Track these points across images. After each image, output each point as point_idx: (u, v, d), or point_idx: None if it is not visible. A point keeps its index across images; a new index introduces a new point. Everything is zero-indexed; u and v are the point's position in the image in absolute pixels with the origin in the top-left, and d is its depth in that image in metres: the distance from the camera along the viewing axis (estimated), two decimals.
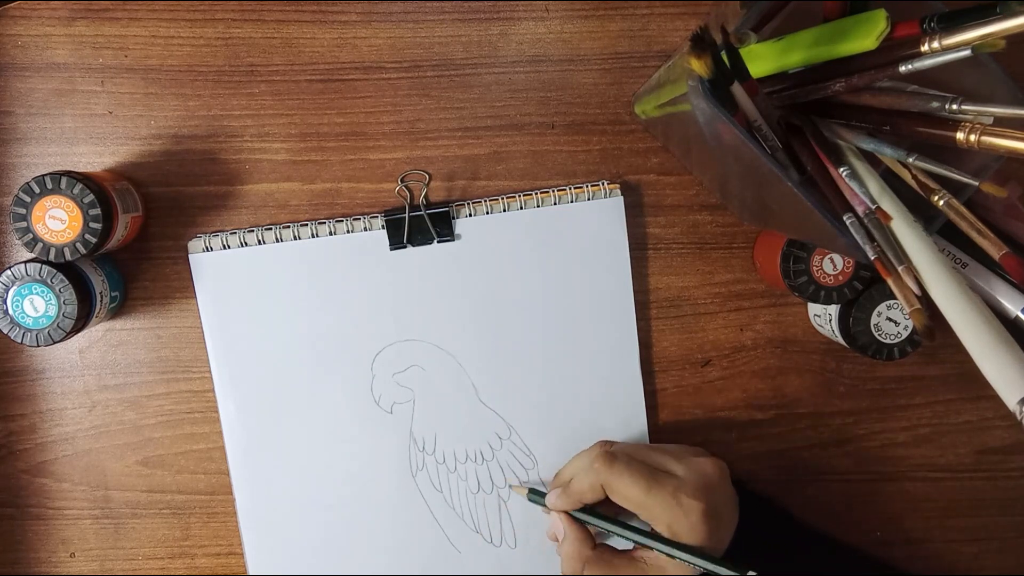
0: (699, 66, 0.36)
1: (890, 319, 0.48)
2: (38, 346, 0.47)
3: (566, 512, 0.49)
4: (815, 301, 0.49)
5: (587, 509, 0.49)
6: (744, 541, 0.45)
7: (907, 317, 0.48)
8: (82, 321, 0.47)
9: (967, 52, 0.34)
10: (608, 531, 0.48)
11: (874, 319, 0.48)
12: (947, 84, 0.39)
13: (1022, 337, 0.38)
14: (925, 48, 0.36)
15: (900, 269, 0.39)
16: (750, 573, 0.42)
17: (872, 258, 0.39)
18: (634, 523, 0.47)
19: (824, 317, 0.51)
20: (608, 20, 0.52)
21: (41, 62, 0.50)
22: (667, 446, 0.50)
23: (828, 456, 0.55)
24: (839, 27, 0.38)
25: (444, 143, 0.52)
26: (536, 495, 0.51)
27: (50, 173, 0.45)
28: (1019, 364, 0.36)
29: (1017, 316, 0.48)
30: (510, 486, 0.52)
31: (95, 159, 0.51)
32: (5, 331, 0.46)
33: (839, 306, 0.49)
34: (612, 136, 0.53)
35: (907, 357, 0.49)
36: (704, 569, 0.43)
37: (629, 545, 0.47)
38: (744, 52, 0.38)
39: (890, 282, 0.39)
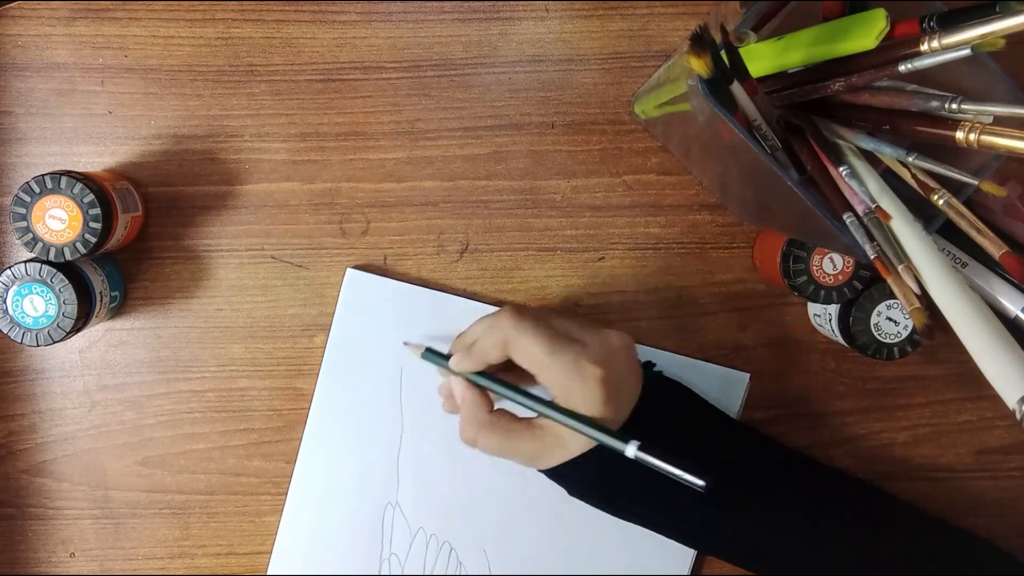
0: (699, 65, 0.36)
1: (890, 319, 0.48)
2: (38, 346, 0.47)
3: (465, 376, 0.46)
4: (815, 301, 0.49)
5: (485, 374, 0.46)
6: (644, 415, 0.44)
7: (907, 316, 0.48)
8: (82, 321, 0.47)
9: (966, 51, 0.34)
10: (503, 396, 0.45)
11: (874, 319, 0.48)
12: (946, 83, 0.39)
13: (1022, 336, 0.38)
14: (924, 47, 0.36)
15: (900, 268, 0.39)
16: (632, 443, 0.40)
17: (872, 257, 0.39)
18: (535, 391, 0.45)
19: (824, 317, 0.51)
20: (608, 20, 0.52)
21: (41, 62, 0.50)
22: (577, 317, 0.48)
23: (828, 456, 0.55)
24: (838, 26, 0.38)
25: (444, 143, 0.52)
26: (433, 354, 0.48)
27: (50, 173, 0.45)
28: (1019, 363, 0.36)
29: (1017, 315, 0.48)
30: (404, 343, 0.51)
31: (95, 159, 0.51)
32: (5, 331, 0.46)
33: (839, 306, 0.49)
34: (612, 136, 0.53)
35: (907, 357, 0.48)
36: (592, 437, 0.42)
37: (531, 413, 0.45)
38: (744, 51, 0.38)
39: (890, 281, 0.39)
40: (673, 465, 0.39)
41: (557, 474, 0.44)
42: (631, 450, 0.40)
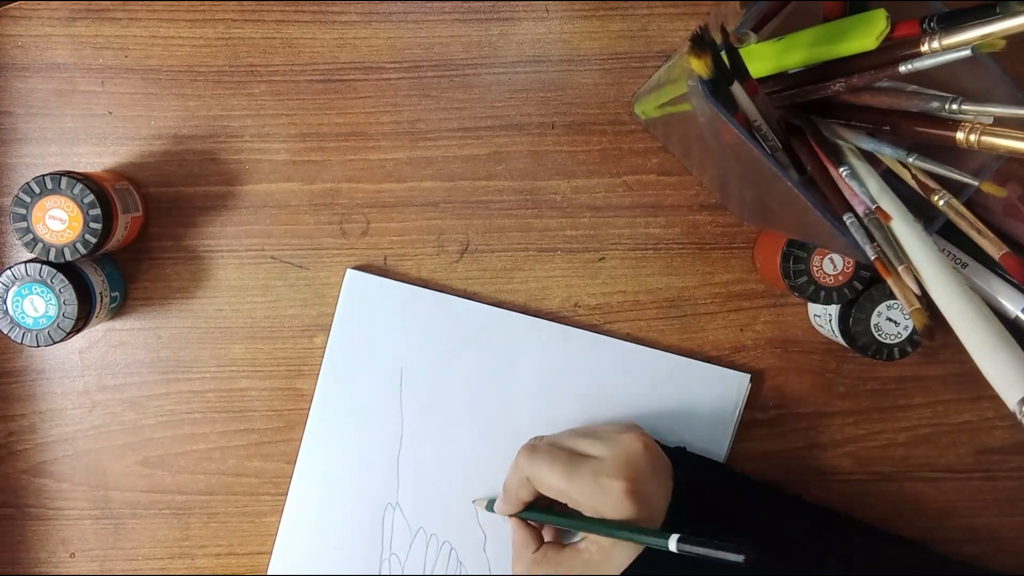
0: (699, 66, 0.36)
1: (890, 319, 0.48)
2: (38, 346, 0.47)
3: (515, 516, 0.49)
4: (815, 301, 0.49)
5: (535, 508, 0.48)
6: (684, 506, 0.45)
7: (907, 317, 0.48)
8: (82, 321, 0.47)
9: (967, 52, 0.34)
10: (550, 523, 0.48)
11: (874, 319, 0.48)
12: (947, 84, 0.39)
13: (1022, 337, 0.38)
14: (925, 48, 0.35)
15: (900, 269, 0.39)
16: (673, 537, 0.41)
17: (872, 258, 0.39)
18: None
19: (824, 317, 0.51)
20: (608, 20, 0.52)
21: (41, 62, 0.50)
22: (595, 427, 0.50)
23: (828, 456, 0.55)
24: (839, 27, 0.38)
25: (444, 143, 0.52)
26: (492, 505, 0.51)
27: (50, 173, 0.45)
28: (1019, 364, 0.36)
29: (1017, 316, 0.48)
30: (474, 501, 0.53)
31: (95, 159, 0.51)
32: (5, 331, 0.46)
33: (839, 306, 0.49)
34: (612, 136, 0.53)
35: (907, 357, 0.48)
36: (634, 541, 0.43)
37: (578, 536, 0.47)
38: (744, 52, 0.38)
39: (890, 282, 0.39)
40: (712, 547, 0.39)
41: None
42: (672, 545, 0.40)
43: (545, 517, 0.48)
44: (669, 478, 0.46)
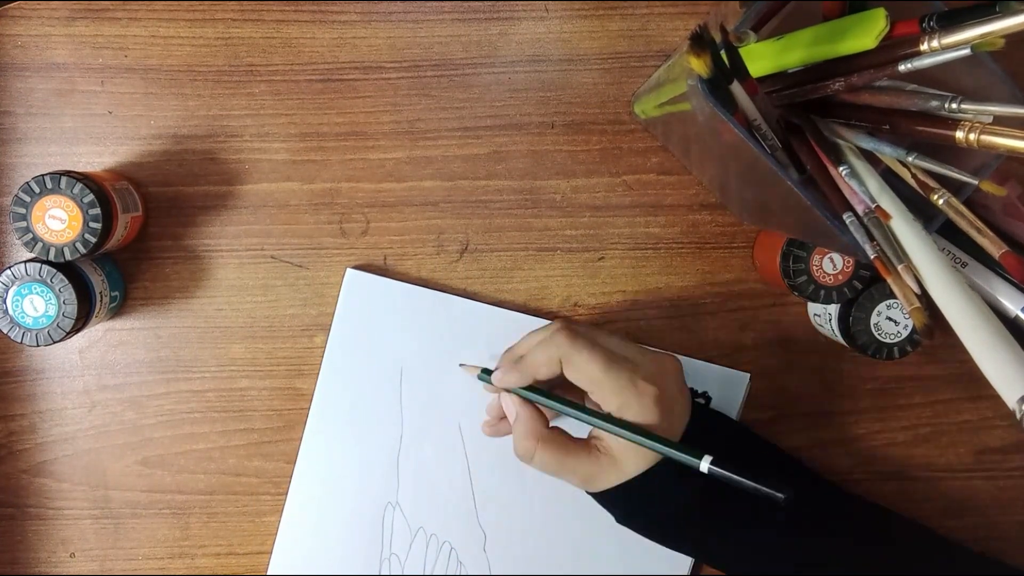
0: (699, 65, 0.36)
1: (890, 318, 0.48)
2: (38, 346, 0.47)
3: (518, 393, 0.46)
4: (815, 300, 0.49)
5: (541, 390, 0.46)
6: (694, 439, 0.44)
7: (907, 316, 0.48)
8: (82, 321, 0.47)
9: (966, 51, 0.34)
10: (561, 412, 0.45)
11: (874, 318, 0.48)
12: (946, 83, 0.39)
13: (1022, 336, 0.38)
14: (924, 47, 0.36)
15: (900, 268, 0.39)
16: (706, 458, 0.39)
17: (872, 257, 0.39)
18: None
19: (824, 317, 0.51)
20: (607, 20, 0.52)
21: (41, 62, 0.50)
22: (627, 339, 0.48)
23: (828, 456, 0.55)
24: (838, 26, 0.38)
25: (444, 143, 0.52)
26: (487, 374, 0.48)
27: (50, 173, 0.45)
28: (1019, 363, 0.36)
29: (1017, 315, 0.48)
30: (460, 365, 0.51)
31: (95, 159, 0.51)
32: (5, 331, 0.46)
33: (839, 305, 0.49)
34: (612, 136, 0.53)
35: (907, 356, 0.48)
36: (660, 453, 0.42)
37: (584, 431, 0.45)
38: (743, 51, 0.38)
39: (890, 281, 0.39)
40: (751, 479, 0.38)
41: (608, 498, 0.44)
42: (704, 465, 0.39)
43: (568, 406, 0.45)
44: (689, 410, 0.45)
